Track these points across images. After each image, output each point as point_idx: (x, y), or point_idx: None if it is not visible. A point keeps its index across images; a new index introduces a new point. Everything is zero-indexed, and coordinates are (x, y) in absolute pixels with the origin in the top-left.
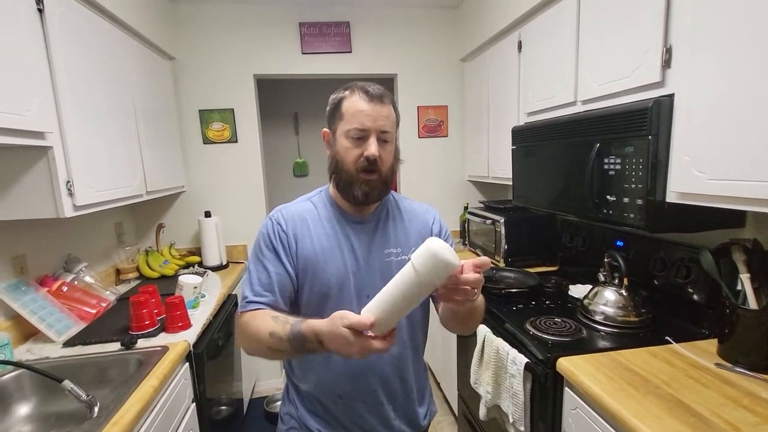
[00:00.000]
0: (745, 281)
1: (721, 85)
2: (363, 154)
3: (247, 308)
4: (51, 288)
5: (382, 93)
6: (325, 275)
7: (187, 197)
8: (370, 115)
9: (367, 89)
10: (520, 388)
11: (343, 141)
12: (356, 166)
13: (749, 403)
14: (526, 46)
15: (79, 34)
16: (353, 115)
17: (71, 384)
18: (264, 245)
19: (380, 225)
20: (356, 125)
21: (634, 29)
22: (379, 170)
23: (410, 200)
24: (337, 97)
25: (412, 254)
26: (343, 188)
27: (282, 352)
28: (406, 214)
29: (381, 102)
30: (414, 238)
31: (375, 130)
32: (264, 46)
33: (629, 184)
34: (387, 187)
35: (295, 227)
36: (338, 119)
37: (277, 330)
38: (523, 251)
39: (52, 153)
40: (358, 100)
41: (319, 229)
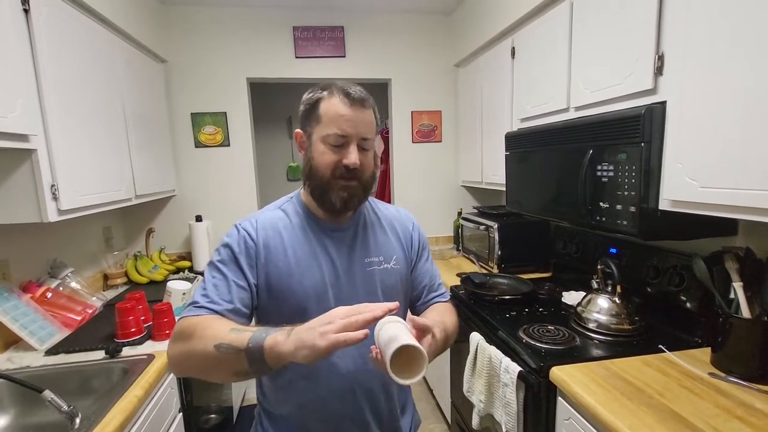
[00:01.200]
0: (738, 290)
1: (713, 93)
2: (342, 162)
3: (194, 312)
4: (34, 294)
5: (363, 96)
6: (301, 289)
7: (177, 201)
8: (351, 120)
9: (347, 91)
10: (513, 397)
11: (320, 146)
12: (333, 173)
13: (743, 414)
14: (519, 52)
15: (66, 35)
16: (332, 119)
17: (52, 394)
18: (226, 254)
19: (359, 233)
20: (336, 131)
21: (627, 36)
22: (359, 178)
23: (386, 205)
24: (313, 97)
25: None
26: (319, 195)
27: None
28: (385, 220)
29: (363, 106)
30: (395, 246)
31: (356, 137)
32: (257, 49)
33: (622, 191)
34: (366, 195)
35: (266, 237)
36: (314, 122)
37: (230, 341)
38: (516, 257)
39: (36, 156)
40: (338, 103)
41: (293, 239)
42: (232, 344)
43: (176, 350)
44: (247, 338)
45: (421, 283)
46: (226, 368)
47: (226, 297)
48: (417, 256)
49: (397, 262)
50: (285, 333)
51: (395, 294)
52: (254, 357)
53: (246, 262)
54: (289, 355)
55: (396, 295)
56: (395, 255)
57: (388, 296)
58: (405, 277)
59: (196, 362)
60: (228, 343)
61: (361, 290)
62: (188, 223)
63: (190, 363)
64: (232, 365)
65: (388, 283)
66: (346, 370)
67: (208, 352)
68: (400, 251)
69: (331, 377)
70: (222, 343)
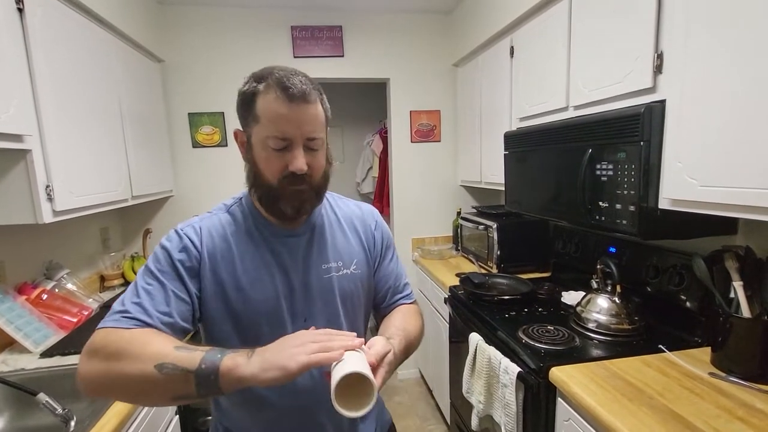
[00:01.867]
0: (738, 289)
1: (712, 91)
2: (287, 167)
3: (122, 324)
4: (30, 296)
5: (305, 89)
6: (253, 301)
7: (175, 202)
8: (292, 120)
9: (285, 85)
10: (512, 398)
11: (261, 151)
12: (280, 180)
13: (744, 415)
14: (518, 51)
15: (61, 35)
16: (271, 120)
17: (46, 397)
18: (164, 259)
19: (315, 236)
20: (275, 133)
21: (626, 35)
22: (309, 182)
23: (345, 200)
24: (248, 90)
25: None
26: (267, 204)
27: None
28: (345, 220)
29: (305, 101)
30: (356, 248)
31: (300, 138)
32: (255, 49)
33: (621, 191)
34: (319, 197)
35: (213, 246)
36: (252, 121)
37: (176, 361)
38: (515, 257)
39: (30, 156)
40: (276, 100)
41: (242, 246)
42: (177, 365)
43: (95, 369)
44: (198, 358)
45: (385, 285)
46: (164, 392)
47: (162, 308)
48: (380, 256)
49: (357, 266)
50: (244, 355)
51: (355, 300)
52: (205, 380)
53: (186, 272)
54: (251, 378)
55: (356, 301)
56: (356, 258)
57: (347, 304)
58: (367, 280)
59: (127, 385)
60: (173, 363)
61: (318, 301)
62: None
63: (117, 385)
64: (173, 389)
65: (348, 290)
66: (303, 386)
67: (147, 373)
68: (361, 253)
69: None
70: (165, 362)
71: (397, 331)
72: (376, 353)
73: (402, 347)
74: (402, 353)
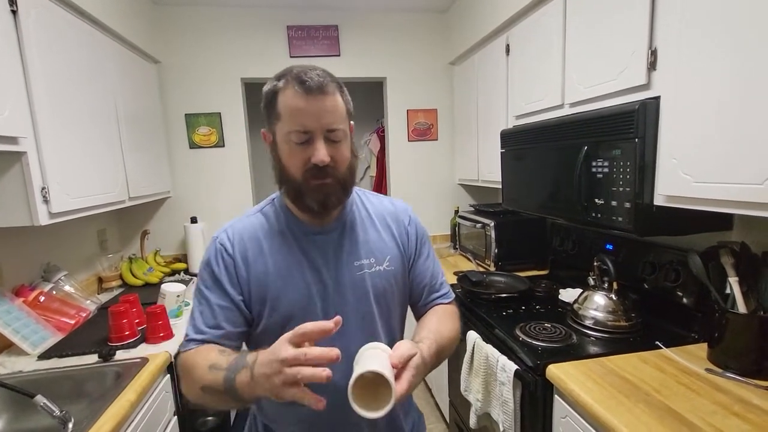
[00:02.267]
0: (734, 285)
1: (706, 87)
2: (310, 160)
3: (186, 348)
4: (27, 298)
5: (322, 81)
6: (286, 301)
7: (172, 203)
8: (311, 112)
9: (302, 79)
10: (509, 395)
11: (285, 146)
12: (303, 173)
13: (740, 410)
14: (513, 49)
15: (56, 37)
16: (291, 114)
17: (44, 399)
18: (207, 275)
19: (346, 233)
20: (296, 127)
21: (620, 31)
22: (333, 174)
23: (379, 197)
24: (269, 90)
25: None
26: (294, 198)
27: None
28: (377, 217)
29: (323, 93)
30: (389, 244)
31: (320, 130)
32: (251, 49)
33: (617, 187)
34: (346, 191)
35: (244, 250)
36: (275, 119)
37: (211, 383)
38: (513, 255)
39: (26, 158)
40: (294, 94)
41: (274, 247)
42: (212, 386)
43: (186, 390)
44: (222, 379)
45: (420, 282)
46: (220, 403)
47: (211, 322)
48: (415, 252)
49: (391, 263)
50: (248, 373)
51: (389, 298)
52: (234, 396)
53: (228, 281)
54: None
55: (390, 299)
56: (389, 255)
57: (381, 302)
58: (401, 278)
59: (203, 401)
60: (209, 385)
61: (351, 298)
62: (183, 224)
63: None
64: (222, 401)
65: (381, 288)
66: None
67: (199, 393)
68: (395, 249)
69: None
70: (205, 385)
71: (429, 333)
72: (399, 356)
73: (433, 351)
74: (433, 357)
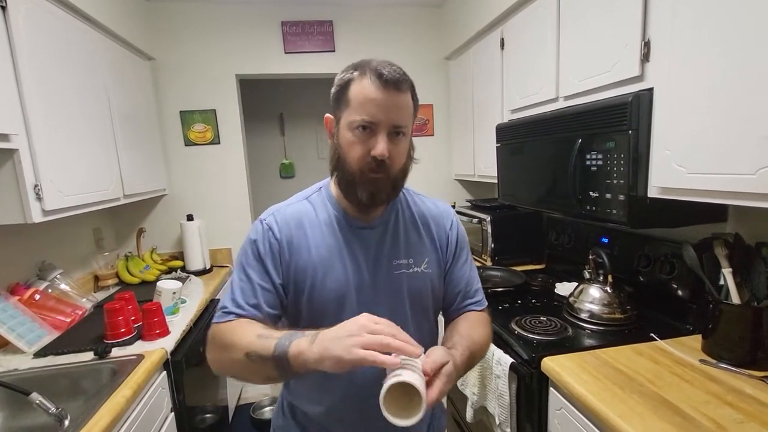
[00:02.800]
0: (728, 276)
1: (699, 79)
2: (370, 152)
3: (224, 319)
4: (22, 297)
5: (399, 78)
6: (324, 290)
7: (168, 200)
8: (381, 105)
9: (381, 72)
10: (505, 389)
11: (347, 133)
12: (361, 165)
13: (733, 400)
14: (508, 43)
15: (47, 33)
16: (361, 103)
17: (40, 397)
18: (251, 253)
19: (389, 231)
20: (364, 116)
21: (613, 23)
22: (387, 171)
23: (424, 197)
24: (344, 77)
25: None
26: (345, 188)
27: (256, 377)
28: (420, 218)
29: (397, 89)
30: (429, 247)
31: (386, 124)
32: (246, 45)
33: (611, 180)
34: (396, 190)
35: (290, 235)
36: (344, 106)
37: (258, 349)
38: (510, 250)
39: (18, 156)
40: (369, 85)
41: (318, 235)
42: (259, 353)
43: (213, 358)
44: (272, 345)
45: (455, 288)
46: (258, 375)
47: (252, 301)
48: (453, 258)
49: (428, 266)
50: (309, 340)
51: (424, 300)
52: (281, 364)
53: (271, 263)
54: (315, 363)
55: (425, 302)
56: (427, 258)
57: (415, 304)
58: (437, 281)
59: (234, 370)
60: (256, 352)
61: (386, 295)
62: (179, 222)
63: (229, 371)
64: (262, 372)
65: (417, 289)
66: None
67: (241, 360)
68: (433, 253)
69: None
70: (251, 351)
71: (461, 339)
72: (432, 363)
73: (464, 358)
74: (464, 364)
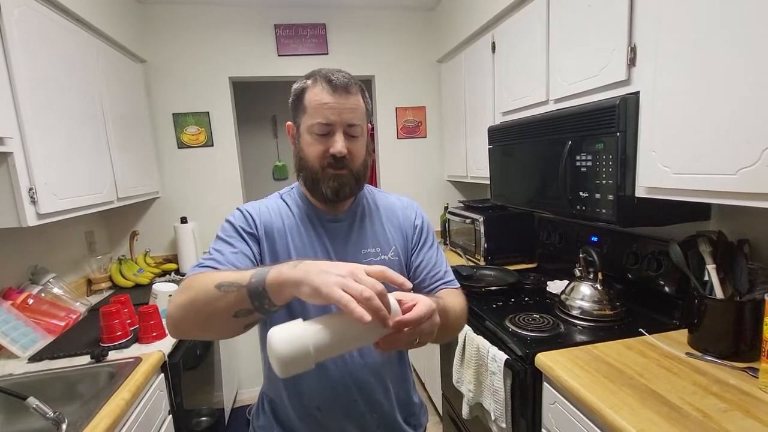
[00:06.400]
0: (712, 272)
1: (682, 82)
2: (329, 151)
3: (196, 271)
4: (15, 301)
5: (347, 81)
6: None
7: (162, 203)
8: (334, 107)
9: (330, 78)
10: (500, 385)
11: (307, 137)
12: (321, 163)
13: (718, 390)
14: (499, 46)
15: (40, 36)
16: (316, 108)
17: (36, 401)
18: (230, 227)
19: (356, 223)
20: (319, 119)
21: (601, 29)
22: (349, 167)
23: (387, 194)
24: (299, 87)
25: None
26: (311, 186)
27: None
28: (384, 211)
29: (347, 92)
30: (394, 236)
31: (341, 124)
32: (239, 48)
33: (600, 180)
34: (359, 184)
35: (268, 222)
36: (301, 112)
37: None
38: (502, 249)
39: (12, 159)
40: (321, 91)
41: (293, 228)
42: (233, 281)
43: (177, 301)
44: (249, 275)
45: (424, 269)
46: (226, 309)
47: (232, 261)
48: (420, 243)
49: (395, 253)
50: (291, 265)
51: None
52: (256, 291)
53: (249, 237)
54: (293, 286)
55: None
56: (394, 245)
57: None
58: (405, 269)
59: (196, 307)
60: (229, 281)
61: None
62: (173, 225)
63: (190, 311)
64: (233, 304)
65: None
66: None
67: (210, 293)
68: (400, 240)
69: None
70: (223, 282)
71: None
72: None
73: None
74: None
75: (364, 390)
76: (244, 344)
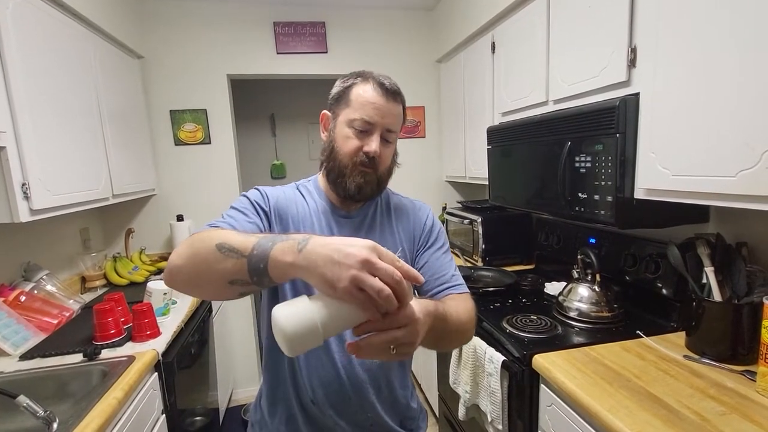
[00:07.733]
0: (710, 274)
1: (682, 84)
2: (362, 148)
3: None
4: (7, 298)
5: (396, 90)
6: None
7: (158, 201)
8: (380, 109)
9: (382, 82)
10: (497, 386)
11: (344, 129)
12: (353, 159)
13: (715, 393)
14: (499, 46)
15: (35, 30)
16: (362, 104)
17: (27, 399)
18: (245, 201)
19: (366, 221)
20: (363, 116)
21: (601, 30)
22: (376, 168)
23: (401, 196)
24: (346, 82)
25: None
26: (335, 178)
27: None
28: (395, 212)
29: (394, 99)
30: (403, 236)
31: (381, 127)
32: (237, 45)
33: (599, 182)
34: (380, 187)
35: (280, 207)
36: (343, 105)
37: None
38: (500, 250)
39: (5, 154)
40: (371, 90)
41: (306, 218)
42: (235, 246)
43: (179, 251)
44: (252, 244)
45: (432, 273)
46: (222, 274)
47: (244, 227)
48: (430, 244)
49: (402, 254)
50: (296, 247)
51: None
52: (256, 266)
53: (263, 212)
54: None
55: None
56: (401, 246)
57: None
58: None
59: (195, 263)
60: (231, 245)
61: None
62: (169, 222)
63: (188, 264)
64: (229, 271)
65: None
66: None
67: (209, 250)
68: (408, 242)
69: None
70: (225, 243)
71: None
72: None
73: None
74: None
75: (359, 389)
76: (239, 344)
